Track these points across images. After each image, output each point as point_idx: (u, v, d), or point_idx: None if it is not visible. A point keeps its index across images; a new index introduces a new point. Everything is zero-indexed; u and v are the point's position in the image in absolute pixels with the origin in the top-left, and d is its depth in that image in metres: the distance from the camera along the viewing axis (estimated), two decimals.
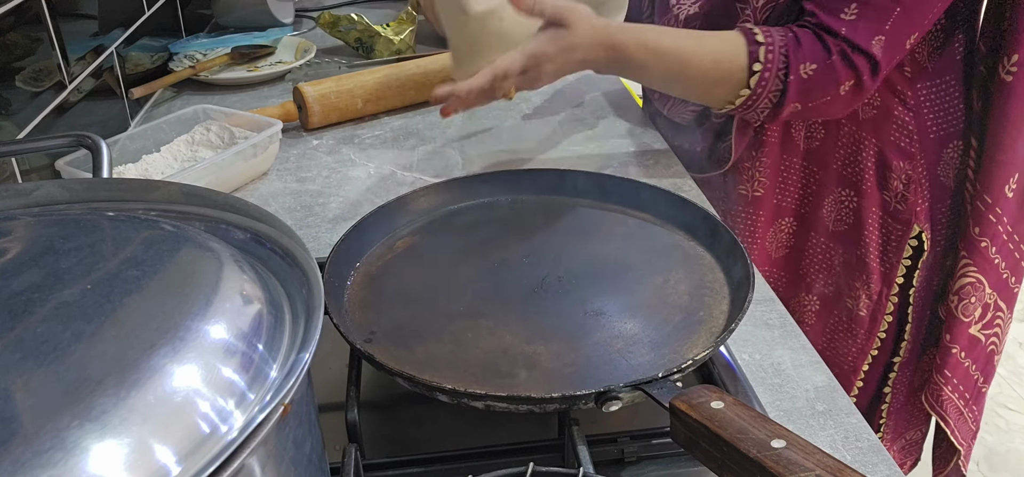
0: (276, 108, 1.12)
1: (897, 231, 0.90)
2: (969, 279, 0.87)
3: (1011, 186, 0.84)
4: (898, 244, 0.90)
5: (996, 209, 0.85)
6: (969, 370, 0.91)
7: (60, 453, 0.27)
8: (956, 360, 0.90)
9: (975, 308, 0.88)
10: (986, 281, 0.87)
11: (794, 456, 0.41)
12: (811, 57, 0.78)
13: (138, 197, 0.46)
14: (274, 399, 0.31)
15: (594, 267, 0.67)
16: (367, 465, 0.55)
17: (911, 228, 0.89)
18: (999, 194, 0.84)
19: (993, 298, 0.89)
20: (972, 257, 0.87)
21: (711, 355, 0.57)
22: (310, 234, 0.87)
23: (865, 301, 0.93)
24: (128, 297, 0.34)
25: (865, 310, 0.94)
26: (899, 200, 0.89)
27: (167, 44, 1.34)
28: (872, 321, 0.94)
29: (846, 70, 0.78)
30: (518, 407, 0.52)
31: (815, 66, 0.78)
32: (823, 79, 0.79)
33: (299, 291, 0.38)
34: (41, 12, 0.88)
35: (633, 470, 0.56)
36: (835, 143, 0.91)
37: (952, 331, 0.89)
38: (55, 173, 0.88)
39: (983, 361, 0.92)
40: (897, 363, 0.96)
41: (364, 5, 1.71)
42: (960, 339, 0.89)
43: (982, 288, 0.88)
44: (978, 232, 0.86)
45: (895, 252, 0.90)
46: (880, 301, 0.93)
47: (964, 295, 0.87)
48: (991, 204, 0.84)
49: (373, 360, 0.55)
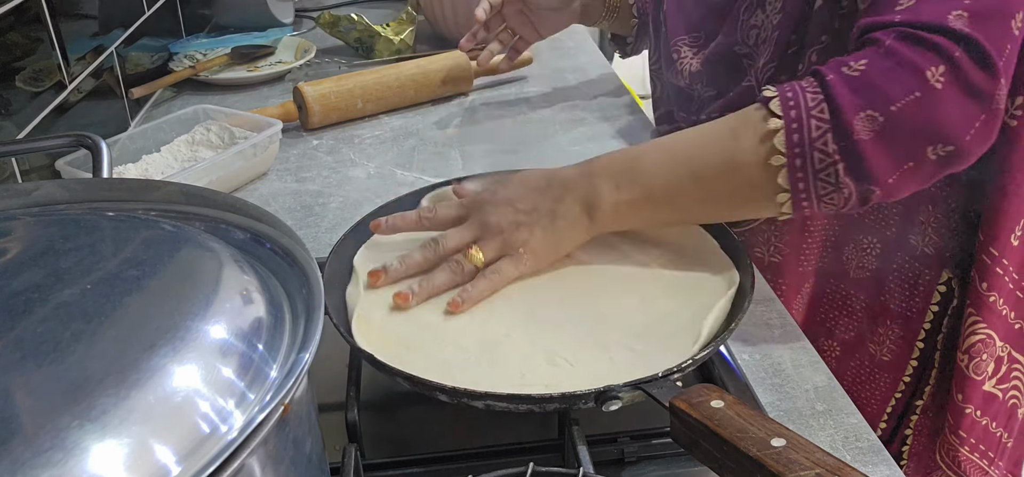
0: (276, 108, 1.12)
1: (925, 276, 0.82)
2: (979, 336, 0.80)
3: (1016, 234, 0.77)
4: (926, 290, 0.83)
5: (1003, 261, 0.77)
6: (988, 427, 0.84)
7: (60, 453, 0.27)
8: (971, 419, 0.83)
9: (987, 365, 0.81)
10: (996, 335, 0.80)
11: (794, 455, 0.41)
12: (855, 57, 0.60)
13: (138, 197, 0.46)
14: (274, 399, 0.31)
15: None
16: (367, 465, 0.55)
17: (940, 274, 0.82)
18: (1005, 244, 0.77)
19: (1006, 351, 0.82)
20: (980, 313, 0.79)
21: (711, 355, 0.57)
22: (310, 234, 0.87)
23: (889, 347, 0.87)
24: (128, 297, 0.34)
25: (889, 355, 0.87)
26: (926, 243, 0.81)
27: (167, 44, 1.34)
28: (896, 367, 0.87)
29: (917, 52, 0.58)
30: (518, 407, 0.52)
31: (865, 61, 0.59)
32: (884, 71, 0.59)
33: (299, 291, 0.38)
34: (41, 12, 0.88)
35: (633, 470, 0.56)
36: None
37: (964, 391, 0.82)
38: (55, 173, 0.88)
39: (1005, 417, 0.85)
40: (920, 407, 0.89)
41: (364, 5, 1.71)
42: (974, 398, 0.82)
43: (993, 343, 0.81)
44: (985, 287, 0.78)
45: (923, 298, 0.84)
46: (905, 347, 0.86)
47: (974, 353, 0.80)
48: (997, 256, 0.77)
49: (373, 360, 0.55)
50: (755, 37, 0.79)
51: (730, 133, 0.63)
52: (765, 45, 0.78)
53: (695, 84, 0.89)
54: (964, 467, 0.85)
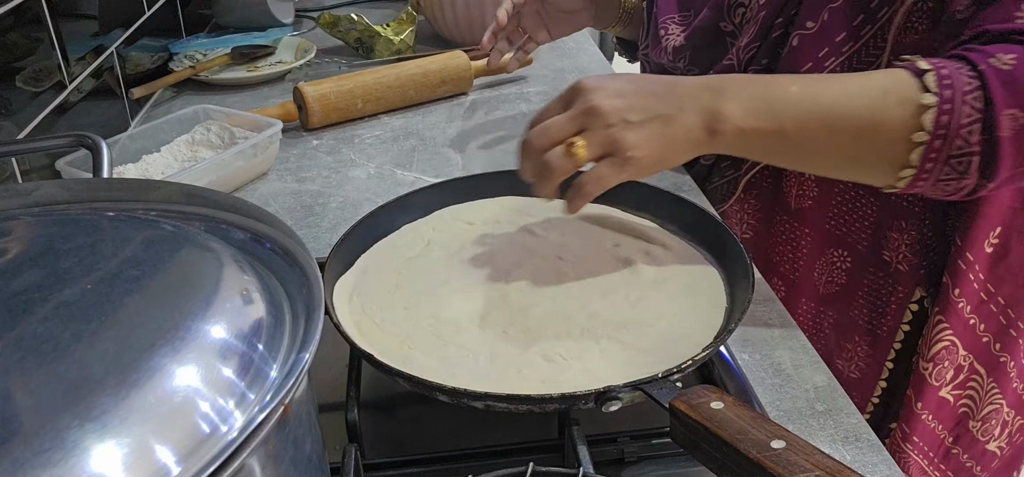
0: (276, 108, 1.12)
1: (898, 294, 0.80)
2: (944, 343, 0.77)
3: (991, 240, 0.75)
4: (898, 308, 0.80)
5: (975, 266, 0.75)
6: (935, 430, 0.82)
7: (60, 453, 0.27)
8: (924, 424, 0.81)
9: (947, 371, 0.79)
10: (960, 343, 0.78)
11: (794, 457, 0.41)
12: (1001, 49, 0.58)
13: (138, 197, 0.46)
14: (274, 399, 0.31)
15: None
16: (367, 465, 0.55)
17: (912, 292, 0.79)
18: (979, 250, 0.74)
19: (969, 361, 0.79)
20: (948, 319, 0.77)
21: (711, 355, 0.57)
22: (310, 234, 0.87)
23: (858, 364, 0.85)
24: (128, 297, 0.34)
25: (858, 373, 0.85)
26: (900, 260, 0.79)
27: (167, 44, 1.34)
28: (864, 385, 0.85)
29: None
30: (518, 407, 0.52)
31: (1014, 57, 0.57)
32: None
33: (299, 291, 0.38)
34: (41, 12, 0.88)
35: (633, 470, 0.56)
36: (828, 201, 0.80)
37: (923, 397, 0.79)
38: (55, 173, 0.88)
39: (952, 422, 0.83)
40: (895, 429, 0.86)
41: (364, 5, 1.71)
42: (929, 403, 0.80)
43: (956, 351, 0.78)
44: (957, 293, 0.75)
45: (894, 316, 0.81)
46: (875, 365, 0.84)
47: (938, 360, 0.78)
48: (971, 261, 0.74)
49: (373, 360, 0.55)
50: (741, 16, 0.79)
51: (881, 92, 0.59)
52: (750, 24, 0.77)
53: (678, 61, 0.88)
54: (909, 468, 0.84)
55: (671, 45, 0.87)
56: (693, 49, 0.85)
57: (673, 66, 0.89)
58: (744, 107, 0.60)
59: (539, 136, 0.61)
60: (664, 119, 0.60)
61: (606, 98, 0.60)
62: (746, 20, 0.79)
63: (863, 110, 0.60)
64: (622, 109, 0.60)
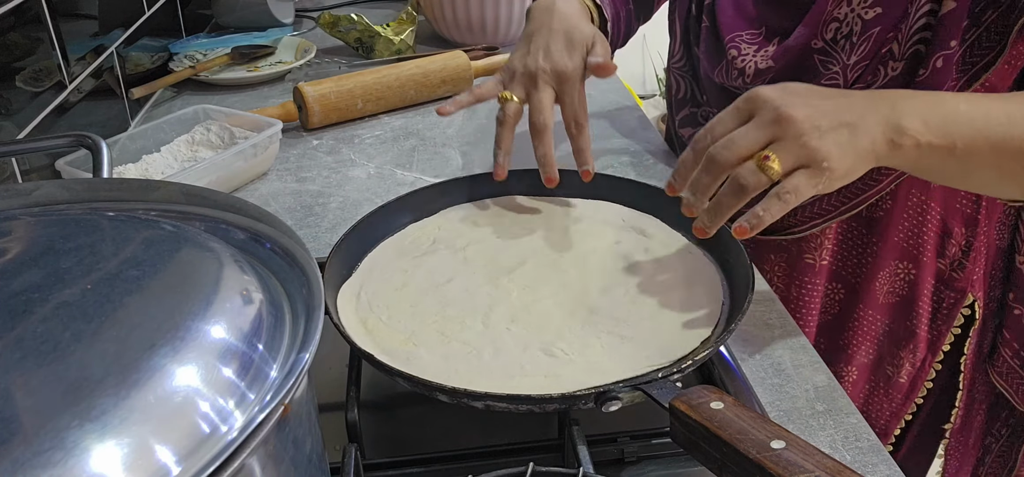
0: (276, 108, 1.12)
1: (950, 299, 0.82)
2: None
3: None
4: (949, 313, 0.82)
5: None
6: None
7: (60, 453, 0.27)
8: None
9: None
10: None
11: (793, 457, 0.41)
12: None
13: (138, 197, 0.46)
14: (274, 399, 0.31)
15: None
16: (367, 465, 0.55)
17: (965, 297, 0.81)
18: None
19: None
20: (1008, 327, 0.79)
21: (711, 355, 0.57)
22: (310, 234, 0.87)
23: (907, 369, 0.85)
24: (128, 297, 0.34)
25: (905, 377, 0.86)
26: (955, 267, 0.80)
27: (167, 44, 1.34)
28: (911, 388, 0.86)
29: None
30: (518, 407, 0.52)
31: None
32: None
33: (299, 291, 0.38)
34: (41, 12, 0.88)
35: (633, 470, 0.56)
36: (901, 213, 0.79)
37: None
38: (55, 173, 0.88)
39: None
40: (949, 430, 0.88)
41: (364, 5, 1.71)
42: None
43: None
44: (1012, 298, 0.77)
45: (945, 321, 0.83)
46: (923, 369, 0.85)
47: None
48: None
49: (373, 360, 0.55)
50: (834, 32, 0.74)
51: None
52: (846, 40, 0.73)
53: (757, 83, 0.79)
54: None
55: (751, 67, 0.79)
56: (781, 70, 0.77)
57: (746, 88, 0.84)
58: (922, 120, 0.57)
59: (724, 151, 0.56)
60: (851, 128, 0.56)
61: (796, 107, 0.56)
62: (841, 36, 0.74)
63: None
64: (814, 116, 0.56)
